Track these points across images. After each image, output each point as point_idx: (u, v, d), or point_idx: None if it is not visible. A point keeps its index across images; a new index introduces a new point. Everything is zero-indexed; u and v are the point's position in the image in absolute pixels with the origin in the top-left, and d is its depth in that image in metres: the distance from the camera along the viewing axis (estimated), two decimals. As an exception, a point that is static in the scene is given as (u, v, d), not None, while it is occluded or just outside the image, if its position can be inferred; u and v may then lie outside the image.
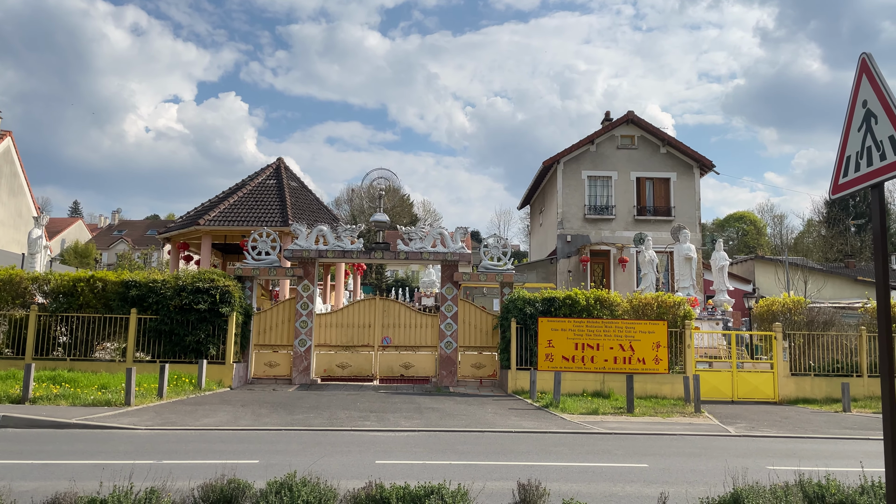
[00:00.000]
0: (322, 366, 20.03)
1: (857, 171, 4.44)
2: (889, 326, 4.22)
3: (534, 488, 6.33)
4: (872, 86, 4.33)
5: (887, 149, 4.17)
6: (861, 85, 4.42)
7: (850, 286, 40.96)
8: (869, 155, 4.33)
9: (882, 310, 4.21)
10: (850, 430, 13.54)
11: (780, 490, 6.46)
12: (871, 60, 4.36)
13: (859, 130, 4.43)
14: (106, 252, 69.68)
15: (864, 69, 4.40)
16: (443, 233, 20.27)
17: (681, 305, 19.46)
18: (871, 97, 4.33)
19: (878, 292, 4.29)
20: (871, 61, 4.36)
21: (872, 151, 4.30)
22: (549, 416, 14.10)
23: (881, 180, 4.23)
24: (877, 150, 4.26)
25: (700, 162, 33.29)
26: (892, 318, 21.55)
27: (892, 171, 4.13)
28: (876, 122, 4.29)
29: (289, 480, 6.12)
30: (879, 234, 4.22)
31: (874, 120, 4.30)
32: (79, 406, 13.41)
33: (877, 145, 4.26)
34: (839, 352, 19.76)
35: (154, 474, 7.06)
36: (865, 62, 4.39)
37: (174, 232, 27.39)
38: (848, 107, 4.54)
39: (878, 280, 4.29)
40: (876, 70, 4.32)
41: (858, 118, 4.45)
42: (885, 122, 4.20)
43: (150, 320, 18.11)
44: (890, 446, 4.06)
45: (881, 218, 4.23)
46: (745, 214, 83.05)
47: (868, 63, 4.37)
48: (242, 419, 12.78)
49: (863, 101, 4.41)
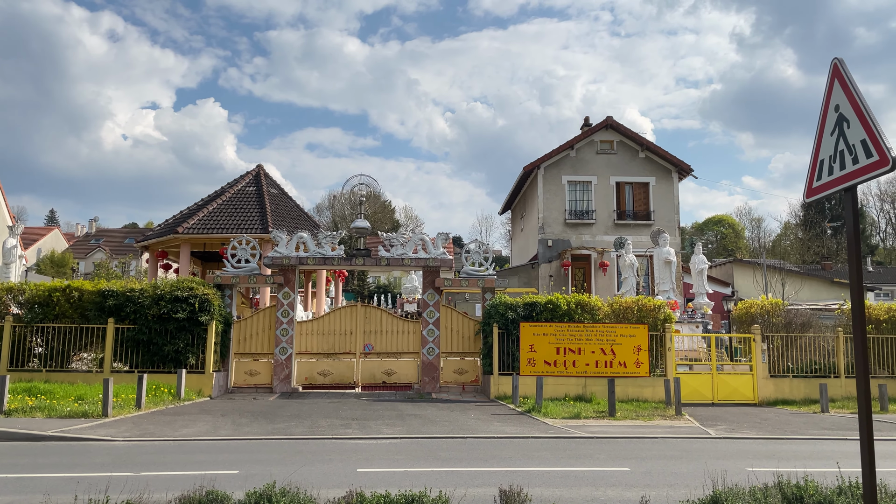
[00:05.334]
0: (303, 374, 19.89)
1: (830, 175, 4.49)
2: (864, 328, 4.26)
3: (515, 494, 6.32)
4: (844, 90, 4.38)
5: (859, 152, 4.22)
6: (833, 90, 4.47)
7: (827, 288, 41.53)
8: (842, 159, 4.38)
9: (857, 312, 4.26)
10: (828, 431, 13.68)
11: (759, 492, 6.50)
12: (843, 66, 4.41)
13: (832, 134, 4.48)
14: (83, 261, 68.82)
15: (837, 74, 4.45)
16: (424, 239, 20.25)
17: (661, 309, 19.59)
18: (844, 102, 4.38)
19: (853, 294, 4.33)
20: (843, 66, 4.41)
21: (845, 155, 4.35)
22: (531, 421, 14.10)
23: (854, 183, 4.28)
24: (849, 154, 4.31)
25: (678, 166, 33.59)
26: (867, 320, 21.77)
27: (865, 175, 4.18)
28: (848, 127, 4.34)
29: (268, 491, 6.05)
30: (853, 236, 4.26)
31: (846, 124, 4.35)
32: (55, 418, 13.18)
33: (849, 149, 4.31)
34: (817, 353, 19.99)
35: (131, 487, 6.95)
36: (837, 67, 4.44)
37: (152, 240, 27.10)
38: (821, 111, 4.59)
39: (853, 282, 4.33)
40: (848, 75, 4.37)
41: (831, 122, 4.50)
42: (857, 127, 4.25)
43: (128, 330, 17.88)
44: (866, 447, 4.10)
45: (854, 221, 4.28)
46: (723, 218, 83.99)
47: (840, 68, 4.42)
48: (222, 429, 12.64)
49: (835, 105, 4.46)
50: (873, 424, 4.11)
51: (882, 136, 4.09)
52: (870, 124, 4.15)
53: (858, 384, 4.17)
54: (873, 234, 70.16)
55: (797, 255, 60.49)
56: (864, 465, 4.09)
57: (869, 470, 4.05)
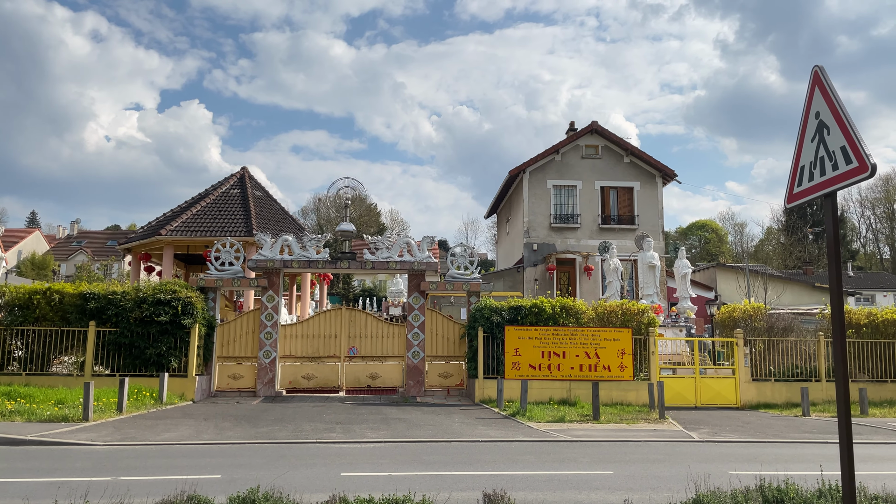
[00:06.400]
0: (287, 377, 19.79)
1: (811, 181, 4.54)
2: (843, 333, 4.31)
3: (499, 498, 6.33)
4: (825, 97, 4.44)
5: (839, 159, 4.27)
6: (814, 97, 4.53)
7: (809, 292, 41.98)
8: (822, 165, 4.43)
9: (837, 317, 4.31)
10: (808, 435, 13.82)
11: (740, 495, 6.55)
12: (824, 73, 4.47)
13: (813, 141, 4.53)
14: (64, 263, 68.07)
15: (817, 81, 4.50)
16: (410, 242, 20.23)
17: (645, 313, 19.70)
18: (824, 109, 4.44)
19: (833, 299, 4.39)
20: (824, 74, 4.47)
21: (825, 161, 4.40)
22: (515, 425, 14.12)
23: (834, 189, 4.34)
24: (829, 160, 4.36)
25: (663, 171, 33.84)
26: (848, 325, 21.97)
27: (845, 181, 4.23)
28: (828, 133, 4.39)
29: (251, 495, 6.01)
30: (833, 241, 4.31)
31: (826, 131, 4.41)
32: (35, 422, 13.01)
33: (829, 155, 4.36)
34: (798, 357, 20.19)
35: (111, 492, 6.87)
36: (818, 75, 4.49)
37: (135, 242, 26.87)
38: (802, 118, 4.64)
39: (832, 287, 4.39)
40: (828, 82, 4.42)
41: (812, 129, 4.55)
42: (837, 133, 4.31)
43: (110, 333, 17.70)
44: (845, 450, 4.14)
45: (834, 226, 4.33)
46: (707, 223, 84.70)
47: (820, 75, 4.48)
48: (205, 433, 12.54)
49: (816, 112, 4.51)
50: (853, 428, 4.15)
51: (861, 142, 4.14)
52: (849, 131, 4.21)
53: (838, 388, 4.22)
54: (854, 239, 71.07)
55: (779, 259, 61.10)
56: (843, 469, 4.14)
57: (848, 473, 4.09)
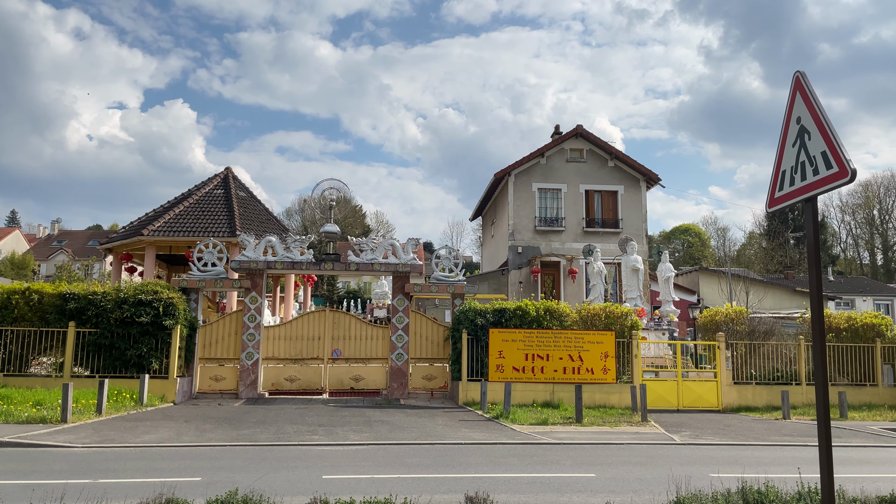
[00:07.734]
0: (270, 379, 19.66)
1: (791, 186, 4.57)
2: (823, 337, 4.34)
3: (481, 500, 6.31)
4: (806, 103, 4.47)
5: (820, 164, 4.31)
6: (795, 102, 4.56)
7: (790, 296, 42.37)
8: (803, 170, 4.46)
9: (816, 321, 4.33)
10: (789, 438, 13.94)
11: (721, 497, 6.59)
12: (805, 78, 4.50)
13: (794, 146, 4.57)
14: (45, 263, 67.29)
15: (798, 87, 4.53)
16: (394, 244, 20.19)
17: (628, 316, 19.80)
18: (805, 114, 4.47)
19: (812, 303, 4.41)
20: (805, 79, 4.50)
21: (806, 166, 4.43)
22: (499, 428, 14.11)
23: (814, 194, 4.37)
24: (810, 165, 4.39)
25: (647, 175, 34.05)
26: (828, 329, 22.18)
27: (825, 186, 4.27)
28: (809, 138, 4.42)
29: (230, 498, 5.95)
30: (813, 246, 4.34)
31: (808, 136, 4.44)
32: (11, 423, 12.84)
33: (810, 160, 4.40)
34: (779, 360, 20.37)
35: (88, 494, 6.77)
36: (799, 80, 4.53)
37: (117, 243, 26.60)
38: (783, 123, 4.67)
39: (812, 291, 4.41)
40: (809, 88, 4.45)
41: (793, 134, 4.58)
42: (818, 138, 4.34)
43: (90, 334, 17.50)
44: (824, 453, 4.17)
45: (814, 231, 4.36)
46: (690, 227, 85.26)
47: (802, 81, 4.51)
48: (185, 435, 12.42)
49: (797, 117, 4.54)
50: (833, 431, 4.18)
51: (842, 148, 4.17)
52: (830, 136, 4.24)
53: (817, 392, 4.24)
54: (834, 244, 71.83)
55: (761, 264, 61.61)
56: (822, 471, 4.17)
57: (827, 476, 4.12)
